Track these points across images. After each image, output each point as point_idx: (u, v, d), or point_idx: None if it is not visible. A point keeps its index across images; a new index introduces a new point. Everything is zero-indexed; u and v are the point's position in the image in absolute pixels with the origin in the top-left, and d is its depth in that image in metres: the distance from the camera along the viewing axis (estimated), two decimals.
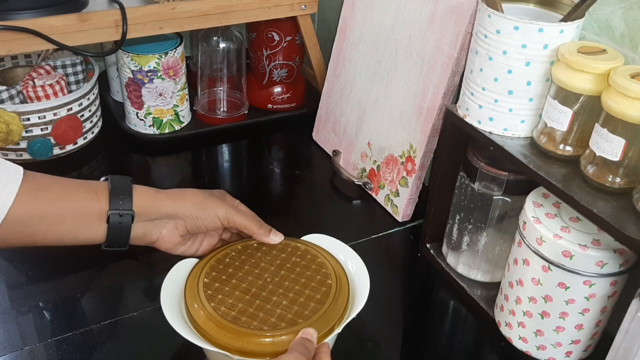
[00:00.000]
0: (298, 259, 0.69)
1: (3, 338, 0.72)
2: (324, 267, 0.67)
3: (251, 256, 0.69)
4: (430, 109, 0.86)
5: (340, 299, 0.64)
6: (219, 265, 0.68)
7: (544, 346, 0.69)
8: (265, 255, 0.69)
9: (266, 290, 0.65)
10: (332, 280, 0.66)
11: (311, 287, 0.65)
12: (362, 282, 0.67)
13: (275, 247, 0.70)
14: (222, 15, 1.02)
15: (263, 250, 0.70)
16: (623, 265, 0.62)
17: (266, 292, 0.64)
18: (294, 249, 0.70)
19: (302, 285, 0.65)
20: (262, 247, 0.70)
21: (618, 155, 0.59)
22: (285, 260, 0.68)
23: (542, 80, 0.67)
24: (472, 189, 0.75)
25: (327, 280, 0.66)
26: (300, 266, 0.67)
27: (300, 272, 0.67)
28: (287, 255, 0.69)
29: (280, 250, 0.70)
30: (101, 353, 0.71)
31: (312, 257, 0.69)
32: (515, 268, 0.69)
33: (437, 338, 0.78)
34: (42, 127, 0.97)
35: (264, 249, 0.70)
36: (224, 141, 1.13)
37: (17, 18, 0.90)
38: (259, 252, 0.70)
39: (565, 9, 0.68)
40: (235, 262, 0.68)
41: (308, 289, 0.65)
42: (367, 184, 0.99)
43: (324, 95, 1.11)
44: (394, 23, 0.91)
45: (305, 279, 0.66)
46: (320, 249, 0.70)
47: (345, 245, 0.72)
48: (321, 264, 0.68)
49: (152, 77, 1.02)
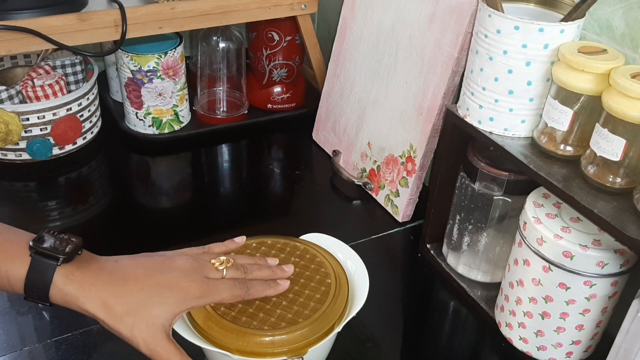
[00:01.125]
0: (297, 259, 0.69)
1: (2, 338, 0.72)
2: (323, 266, 0.67)
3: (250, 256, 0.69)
4: (430, 109, 0.86)
5: (340, 298, 0.64)
6: None
7: (545, 347, 0.69)
8: (264, 256, 0.69)
9: None
10: (332, 279, 0.66)
11: (310, 287, 0.65)
12: (362, 281, 0.67)
13: (274, 246, 0.70)
14: (221, 15, 1.02)
15: (262, 251, 0.70)
16: (624, 266, 0.62)
17: None
18: (293, 248, 0.70)
19: (301, 285, 0.65)
20: (261, 247, 0.70)
21: (619, 156, 0.58)
22: (285, 260, 0.68)
23: (542, 80, 0.67)
24: (473, 189, 0.75)
25: (326, 280, 0.66)
26: (299, 266, 0.68)
27: (299, 271, 0.67)
28: (286, 255, 0.69)
29: (279, 249, 0.70)
30: (100, 354, 0.71)
31: (311, 257, 0.69)
32: (516, 268, 0.69)
33: (437, 338, 0.78)
34: (42, 127, 0.97)
35: (263, 248, 0.70)
36: (224, 141, 1.13)
37: (17, 18, 0.89)
38: (257, 253, 0.70)
39: (566, 9, 0.68)
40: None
41: (307, 288, 0.65)
42: (367, 184, 0.99)
43: (323, 95, 1.11)
44: (394, 23, 0.91)
45: (304, 278, 0.66)
46: (319, 248, 0.70)
47: (344, 244, 0.72)
48: (320, 263, 0.68)
49: (151, 77, 1.02)
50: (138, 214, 0.96)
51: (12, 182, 1.00)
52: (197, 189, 1.03)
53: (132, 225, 0.92)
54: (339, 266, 0.68)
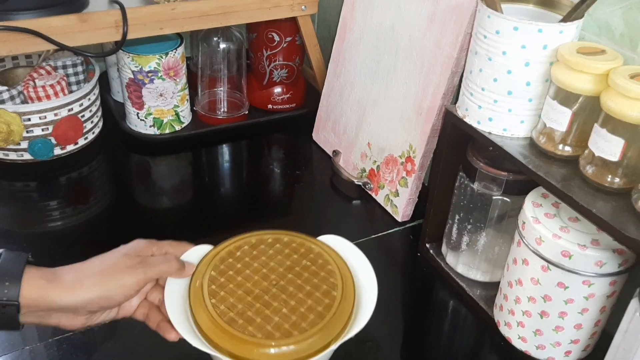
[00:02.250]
0: (308, 263, 0.67)
1: (3, 338, 0.72)
2: (332, 276, 0.65)
3: (263, 253, 0.68)
4: (430, 109, 0.86)
5: (342, 316, 0.62)
6: (229, 259, 0.66)
7: (543, 346, 0.69)
8: (276, 254, 0.68)
9: (269, 294, 0.63)
10: (338, 293, 0.63)
11: (314, 297, 0.63)
12: (368, 299, 0.65)
13: (289, 245, 0.68)
14: (222, 15, 1.02)
15: (276, 248, 0.68)
16: (622, 265, 0.62)
17: (268, 296, 0.63)
18: (307, 250, 0.68)
19: (306, 294, 0.64)
20: (276, 244, 0.68)
21: (617, 156, 0.59)
22: (296, 262, 0.67)
23: (541, 81, 0.67)
24: (472, 189, 0.76)
25: (332, 292, 0.64)
26: (309, 272, 0.66)
27: (307, 278, 0.65)
28: (298, 257, 0.67)
29: (293, 250, 0.68)
30: (101, 353, 0.71)
31: (323, 263, 0.67)
32: (515, 268, 0.69)
33: (437, 338, 0.78)
34: (43, 128, 0.97)
35: (278, 246, 0.68)
36: (224, 141, 1.13)
37: (18, 18, 0.90)
38: (271, 250, 0.68)
39: (565, 10, 0.68)
40: (246, 258, 0.67)
41: (311, 298, 0.63)
42: (367, 184, 0.99)
43: (323, 95, 1.11)
44: (394, 23, 0.91)
45: (310, 286, 0.64)
46: (334, 254, 0.68)
47: (362, 254, 0.69)
48: (330, 272, 0.66)
49: (152, 78, 1.02)
50: (139, 214, 0.96)
51: (14, 182, 1.00)
52: (197, 189, 1.03)
53: (132, 225, 0.92)
54: (349, 278, 0.66)
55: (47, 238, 0.90)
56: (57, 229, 0.92)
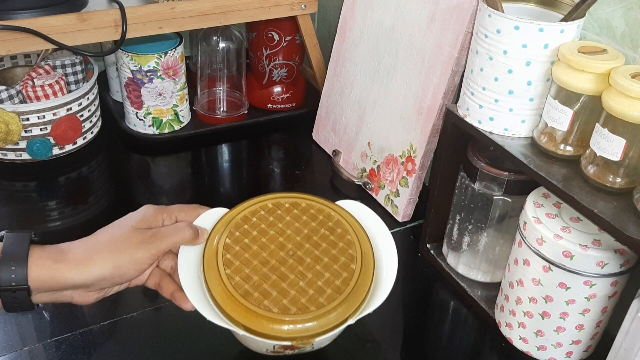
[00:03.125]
0: (327, 232, 0.63)
1: (2, 338, 0.72)
2: (351, 247, 0.63)
3: (280, 219, 0.65)
4: (430, 109, 0.86)
5: (360, 290, 0.60)
6: (245, 225, 0.64)
7: (545, 347, 0.69)
8: (294, 221, 0.65)
9: (285, 265, 0.61)
10: (357, 265, 0.61)
11: (332, 270, 0.61)
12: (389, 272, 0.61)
13: (307, 212, 0.65)
14: (221, 15, 1.02)
15: (293, 214, 0.65)
16: (624, 266, 0.62)
17: (285, 267, 0.61)
18: (326, 218, 0.65)
19: (323, 266, 0.61)
20: (294, 210, 0.65)
21: (619, 155, 0.58)
22: (314, 231, 0.64)
23: (542, 80, 0.67)
24: (473, 189, 0.75)
25: (350, 265, 0.61)
26: (327, 242, 0.63)
27: (325, 249, 0.62)
28: (317, 224, 0.64)
29: (311, 217, 0.65)
30: (101, 353, 0.71)
31: (342, 233, 0.64)
32: (516, 268, 0.69)
33: (437, 338, 0.78)
34: (42, 127, 0.97)
35: (295, 211, 0.65)
36: (224, 141, 1.13)
37: (17, 18, 0.89)
38: (288, 216, 0.65)
39: (566, 9, 0.68)
40: (262, 225, 0.64)
41: (329, 271, 0.61)
42: (367, 184, 0.99)
43: (323, 95, 1.11)
44: (394, 23, 0.91)
45: (329, 258, 0.62)
46: (354, 222, 0.64)
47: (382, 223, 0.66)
48: (349, 243, 0.63)
49: (151, 77, 1.02)
50: None
51: (12, 182, 1.00)
52: (197, 189, 1.03)
53: None
54: (369, 250, 0.62)
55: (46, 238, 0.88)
56: (56, 229, 0.91)
